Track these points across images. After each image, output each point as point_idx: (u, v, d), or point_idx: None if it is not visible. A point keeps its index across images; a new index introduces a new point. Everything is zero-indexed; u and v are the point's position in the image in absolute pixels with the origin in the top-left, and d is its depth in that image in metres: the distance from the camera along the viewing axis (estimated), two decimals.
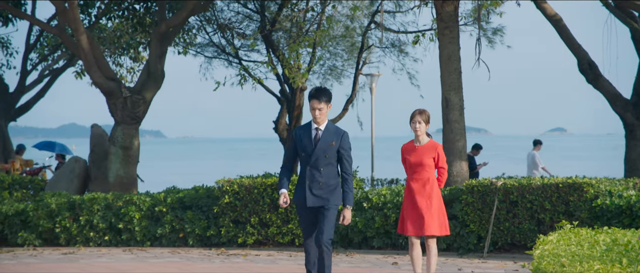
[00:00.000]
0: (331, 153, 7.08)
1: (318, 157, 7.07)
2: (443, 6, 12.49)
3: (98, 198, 12.75)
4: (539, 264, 5.55)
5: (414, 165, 7.96)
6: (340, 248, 11.73)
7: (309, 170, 7.10)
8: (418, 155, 7.99)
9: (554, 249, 5.86)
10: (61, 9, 14.00)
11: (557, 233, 6.84)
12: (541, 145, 18.93)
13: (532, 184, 10.75)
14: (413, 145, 8.07)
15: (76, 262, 10.78)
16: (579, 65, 14.84)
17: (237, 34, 21.04)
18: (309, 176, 7.10)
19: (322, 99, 7.06)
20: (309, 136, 7.12)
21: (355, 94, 21.55)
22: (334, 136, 7.11)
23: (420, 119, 8.02)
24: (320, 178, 7.08)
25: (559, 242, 6.27)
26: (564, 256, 5.47)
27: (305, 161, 7.14)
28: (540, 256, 5.67)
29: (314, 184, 7.08)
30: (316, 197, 7.10)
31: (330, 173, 7.11)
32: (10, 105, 21.31)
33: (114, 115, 15.05)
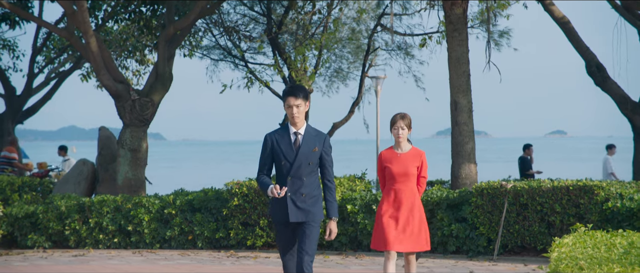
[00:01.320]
0: (314, 160, 6.27)
1: (301, 165, 6.22)
2: (452, 9, 12.50)
3: (107, 200, 12.75)
4: (556, 267, 5.54)
5: (398, 175, 7.24)
6: (350, 250, 11.73)
7: (290, 181, 6.23)
8: (402, 163, 7.28)
9: (570, 252, 5.84)
10: (70, 12, 14.02)
11: (571, 236, 6.83)
12: (615, 149, 17.82)
13: (542, 187, 10.73)
14: (394, 153, 7.33)
15: (87, 263, 10.79)
16: (587, 67, 14.83)
17: (244, 37, 21.05)
18: (291, 188, 6.23)
19: (298, 95, 6.23)
20: (287, 142, 6.26)
21: (361, 96, 21.56)
22: (316, 140, 6.29)
23: (402, 124, 7.32)
24: (303, 190, 6.23)
25: (574, 244, 6.25)
26: (581, 259, 5.46)
27: (286, 171, 6.25)
28: (558, 259, 5.65)
29: (297, 197, 6.23)
30: (300, 211, 6.25)
31: (314, 183, 6.31)
32: (18, 107, 21.35)
33: (122, 118, 15.06)
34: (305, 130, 6.28)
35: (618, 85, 14.66)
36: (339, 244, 11.82)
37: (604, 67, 14.76)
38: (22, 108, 21.61)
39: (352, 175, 12.94)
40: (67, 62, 23.11)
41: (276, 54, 20.23)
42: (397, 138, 7.30)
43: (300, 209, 6.23)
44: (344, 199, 11.81)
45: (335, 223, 6.43)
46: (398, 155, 7.30)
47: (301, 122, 6.27)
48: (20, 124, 22.10)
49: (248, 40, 21.09)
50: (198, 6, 14.96)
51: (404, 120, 7.32)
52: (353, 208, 11.60)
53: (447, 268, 10.02)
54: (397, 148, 7.36)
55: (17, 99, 21.34)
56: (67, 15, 14.24)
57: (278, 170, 6.30)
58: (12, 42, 22.28)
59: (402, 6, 20.16)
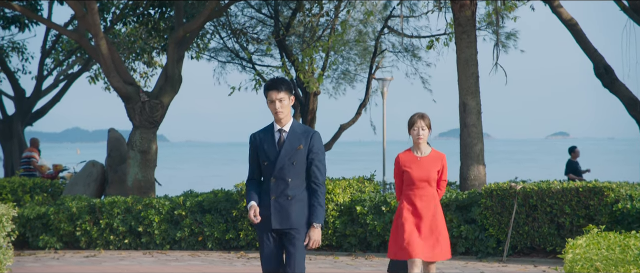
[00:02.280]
0: (299, 160, 5.64)
1: (284, 165, 5.62)
2: (460, 11, 12.49)
3: (118, 201, 12.77)
4: (571, 268, 5.54)
5: (418, 180, 6.72)
6: (359, 251, 11.72)
7: (273, 183, 5.65)
8: (422, 168, 6.75)
9: (585, 253, 5.83)
10: (80, 14, 14.04)
11: (584, 237, 6.81)
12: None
13: (552, 188, 10.72)
14: (413, 156, 6.78)
15: (98, 264, 10.80)
16: (595, 69, 14.80)
17: (252, 39, 21.07)
18: (274, 189, 5.64)
19: (281, 88, 5.63)
20: (270, 140, 5.71)
21: (368, 98, 21.57)
22: (302, 137, 5.66)
23: (422, 123, 6.75)
24: (288, 192, 5.62)
25: (588, 246, 6.24)
26: (597, 260, 5.45)
27: (269, 171, 5.68)
28: (573, 260, 5.65)
29: (281, 199, 5.62)
30: (284, 217, 5.62)
31: (301, 185, 5.66)
32: (27, 109, 21.39)
33: (132, 120, 15.08)
34: (290, 127, 5.70)
35: (626, 87, 14.63)
36: (348, 245, 11.82)
37: (612, 69, 14.73)
38: (31, 110, 21.66)
39: (361, 176, 12.94)
40: (76, 64, 23.15)
41: (284, 56, 20.25)
42: (416, 139, 6.74)
43: (285, 214, 5.61)
44: (353, 200, 11.81)
45: (319, 232, 5.64)
46: (418, 159, 6.77)
47: (286, 118, 5.69)
48: (29, 126, 22.14)
49: (256, 43, 21.11)
50: (207, 9, 14.97)
51: (423, 119, 6.75)
52: (362, 209, 11.60)
53: (457, 269, 10.02)
54: (417, 150, 6.81)
55: (26, 101, 21.38)
56: (78, 17, 14.27)
57: (263, 172, 5.76)
58: (21, 45, 22.32)
59: (409, 8, 20.15)
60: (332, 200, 11.81)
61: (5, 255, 7.10)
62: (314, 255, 11.56)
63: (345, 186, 12.11)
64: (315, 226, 5.60)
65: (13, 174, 19.94)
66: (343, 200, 11.87)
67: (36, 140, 18.80)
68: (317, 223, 5.61)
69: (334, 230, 11.83)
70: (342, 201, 11.86)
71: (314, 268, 10.27)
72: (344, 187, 12.05)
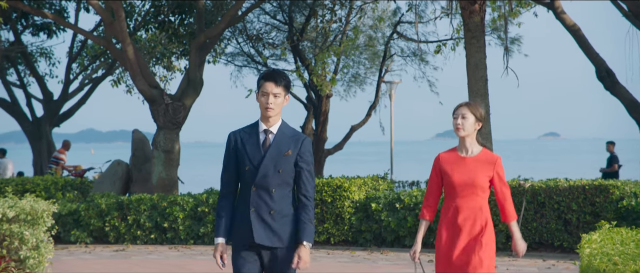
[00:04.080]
0: (286, 167, 4.47)
1: (268, 173, 4.44)
2: (470, 17, 12.48)
3: (144, 199, 12.80)
4: (589, 262, 5.53)
5: (460, 186, 4.99)
6: (374, 246, 11.72)
7: (254, 193, 4.45)
8: (467, 170, 4.99)
9: (601, 248, 5.82)
10: (109, 21, 14.09)
11: (597, 233, 6.81)
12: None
13: (560, 186, 10.70)
14: (458, 156, 5.04)
15: (128, 258, 10.83)
16: (597, 72, 14.78)
17: (267, 44, 21.12)
18: (255, 201, 4.45)
19: (280, 82, 4.50)
20: (254, 141, 4.51)
21: (378, 100, 21.58)
22: (291, 142, 4.51)
23: (466, 111, 5.01)
24: (272, 204, 4.45)
25: (603, 241, 6.23)
26: (614, 254, 5.44)
27: (249, 178, 4.47)
28: (591, 255, 5.64)
29: (262, 212, 4.44)
30: (268, 231, 4.44)
31: (286, 198, 4.50)
32: (55, 112, 21.47)
33: (156, 121, 15.13)
34: (279, 128, 4.53)
35: (627, 90, 14.60)
36: (363, 240, 11.82)
37: (613, 72, 14.71)
38: (58, 112, 21.73)
39: (375, 175, 12.96)
40: (100, 68, 23.23)
41: (297, 60, 20.29)
42: (455, 130, 5.02)
43: (269, 229, 4.44)
44: (368, 198, 11.83)
45: (308, 252, 4.45)
46: (463, 159, 5.02)
47: (276, 117, 4.53)
48: (56, 127, 22.22)
49: (271, 47, 21.15)
50: (227, 16, 15.03)
51: (469, 107, 5.03)
52: (377, 206, 11.60)
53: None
54: (462, 149, 5.05)
55: (54, 104, 21.46)
56: (106, 24, 14.32)
57: (241, 180, 4.51)
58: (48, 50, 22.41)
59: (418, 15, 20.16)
60: (348, 197, 11.83)
61: (46, 249, 7.13)
62: (331, 249, 11.56)
63: (361, 184, 12.12)
64: (305, 245, 4.43)
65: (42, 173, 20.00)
66: (358, 198, 11.88)
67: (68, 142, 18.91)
68: (307, 242, 4.43)
69: (350, 226, 11.83)
70: (357, 198, 11.87)
71: (333, 263, 10.28)
72: (359, 185, 12.07)
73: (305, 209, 4.51)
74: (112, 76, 22.77)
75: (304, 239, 4.46)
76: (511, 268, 9.57)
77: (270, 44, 21.25)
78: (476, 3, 12.36)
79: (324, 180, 12.04)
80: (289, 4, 20.22)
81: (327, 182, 11.96)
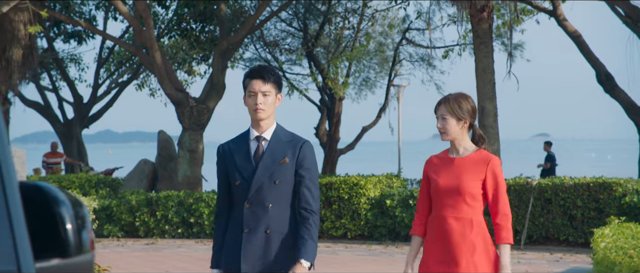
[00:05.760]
0: (284, 178, 3.56)
1: (262, 185, 3.55)
2: (479, 24, 12.48)
3: (172, 195, 12.84)
4: (605, 255, 5.52)
5: (445, 192, 3.82)
6: (389, 241, 11.72)
7: (248, 211, 3.57)
8: (453, 173, 3.84)
9: (615, 242, 5.82)
10: (138, 29, 14.14)
11: (608, 227, 6.81)
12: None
13: (565, 183, 10.69)
14: (447, 157, 3.93)
15: (160, 251, 10.87)
16: (597, 76, 14.75)
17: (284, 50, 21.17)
18: (249, 219, 3.56)
19: (268, 78, 3.58)
20: (244, 151, 3.62)
21: (387, 102, 21.59)
22: (288, 148, 3.60)
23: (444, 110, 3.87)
24: (268, 223, 3.55)
25: (614, 235, 6.23)
26: (629, 248, 5.44)
27: (242, 194, 3.59)
28: (606, 248, 5.63)
29: (256, 234, 3.55)
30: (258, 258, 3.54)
31: (284, 214, 3.58)
32: (85, 114, 21.57)
33: (181, 122, 15.18)
34: (273, 133, 3.63)
35: (625, 93, 14.58)
36: (379, 235, 11.83)
37: (613, 76, 14.68)
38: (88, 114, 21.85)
39: (389, 173, 12.97)
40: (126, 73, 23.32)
41: (312, 65, 20.32)
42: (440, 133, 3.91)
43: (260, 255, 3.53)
44: (383, 195, 11.84)
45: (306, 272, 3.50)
46: (451, 161, 3.89)
47: (268, 121, 3.62)
48: (86, 128, 22.33)
49: (288, 53, 21.18)
50: (248, 24, 15.08)
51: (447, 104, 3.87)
52: (392, 202, 11.60)
53: None
54: (452, 150, 3.93)
55: (84, 106, 21.58)
56: (136, 32, 14.37)
57: (234, 197, 3.64)
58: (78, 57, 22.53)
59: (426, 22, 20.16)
60: (364, 194, 11.85)
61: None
62: (349, 243, 11.57)
63: (376, 182, 12.14)
64: (303, 264, 3.48)
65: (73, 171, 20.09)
66: (374, 195, 11.89)
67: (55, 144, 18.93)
68: (304, 260, 3.48)
69: (366, 222, 11.84)
70: (373, 195, 11.88)
71: (352, 256, 10.29)
72: (374, 182, 12.08)
73: (306, 223, 3.54)
74: (137, 80, 22.87)
75: (301, 257, 3.48)
76: (521, 261, 9.56)
77: (286, 49, 21.28)
78: (484, 11, 12.35)
79: (341, 178, 12.07)
80: (303, 12, 20.27)
81: (344, 179, 11.98)
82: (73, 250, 1.13)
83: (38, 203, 1.15)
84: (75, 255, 1.13)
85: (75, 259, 1.14)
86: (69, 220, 1.14)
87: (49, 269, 1.13)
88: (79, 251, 1.14)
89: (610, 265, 5.30)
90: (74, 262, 1.14)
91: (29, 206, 1.12)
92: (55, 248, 1.13)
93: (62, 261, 1.13)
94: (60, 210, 1.14)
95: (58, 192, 1.18)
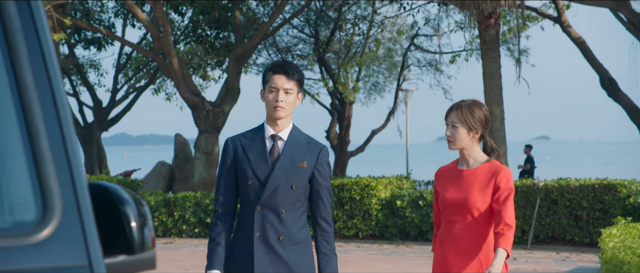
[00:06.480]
0: (300, 183, 3.23)
1: (278, 188, 3.20)
2: (486, 30, 12.49)
3: (189, 196, 12.91)
4: (613, 254, 5.53)
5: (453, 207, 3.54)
6: (399, 240, 11.74)
7: (259, 214, 3.20)
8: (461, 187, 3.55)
9: (623, 242, 5.83)
10: (156, 36, 14.23)
11: (615, 227, 6.81)
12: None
13: (571, 185, 10.69)
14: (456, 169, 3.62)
15: (179, 250, 10.93)
16: (601, 81, 14.72)
17: (296, 56, 21.23)
18: (259, 224, 3.20)
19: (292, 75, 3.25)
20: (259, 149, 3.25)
21: (396, 106, 21.61)
22: (306, 151, 3.26)
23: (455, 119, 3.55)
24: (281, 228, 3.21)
25: (622, 235, 6.23)
26: (637, 248, 5.45)
27: (254, 196, 3.21)
28: (614, 248, 5.64)
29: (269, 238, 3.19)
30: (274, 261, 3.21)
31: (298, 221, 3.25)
32: (104, 118, 21.70)
33: (198, 126, 15.25)
34: (290, 134, 3.28)
35: (628, 97, 14.55)
36: (389, 235, 11.85)
37: (616, 81, 14.64)
38: (107, 118, 21.98)
39: (399, 175, 12.99)
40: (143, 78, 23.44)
41: (323, 70, 20.38)
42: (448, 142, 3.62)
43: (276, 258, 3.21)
44: (393, 196, 11.86)
45: None
46: (459, 173, 3.59)
47: (286, 120, 3.28)
48: (105, 131, 22.45)
49: (300, 58, 21.25)
50: (262, 30, 15.16)
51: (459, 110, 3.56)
52: (402, 203, 11.62)
53: None
54: (462, 161, 3.62)
55: (103, 111, 21.71)
56: (154, 39, 14.46)
57: (242, 197, 3.26)
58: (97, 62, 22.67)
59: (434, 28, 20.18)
60: (375, 195, 11.87)
61: None
62: (360, 243, 11.60)
63: (386, 183, 12.16)
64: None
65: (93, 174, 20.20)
66: (384, 196, 11.92)
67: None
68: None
69: (377, 222, 11.86)
70: (383, 196, 11.90)
71: (364, 255, 10.31)
72: (385, 184, 12.11)
73: (326, 237, 3.25)
74: (153, 85, 22.97)
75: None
76: (529, 260, 9.56)
77: (298, 55, 21.34)
78: (492, 18, 12.37)
79: (352, 180, 12.10)
80: (315, 19, 20.34)
81: (356, 181, 12.01)
82: (137, 246, 1.17)
83: (104, 202, 1.19)
84: (139, 251, 1.17)
85: (139, 255, 1.18)
86: (133, 218, 1.18)
87: (115, 264, 1.17)
88: (143, 247, 1.18)
89: (618, 264, 5.31)
90: (138, 258, 1.18)
91: (96, 205, 1.17)
92: (121, 245, 1.18)
93: (127, 257, 1.18)
94: (125, 209, 1.18)
95: (122, 191, 1.23)
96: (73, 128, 1.12)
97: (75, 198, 1.08)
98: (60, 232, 1.07)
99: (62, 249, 1.07)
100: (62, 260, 1.06)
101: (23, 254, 1.06)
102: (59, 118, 1.12)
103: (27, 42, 1.13)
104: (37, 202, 1.08)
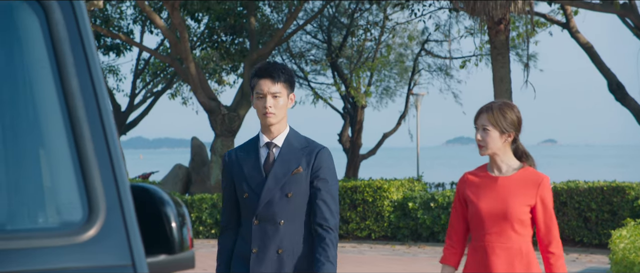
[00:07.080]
0: (298, 190, 3.02)
1: (273, 199, 3.01)
2: (496, 36, 12.45)
3: (206, 198, 12.95)
4: (624, 255, 5.50)
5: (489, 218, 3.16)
6: (411, 241, 11.71)
7: (257, 228, 3.02)
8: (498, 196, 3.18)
9: (633, 243, 5.79)
10: (174, 42, 14.30)
11: (625, 229, 6.77)
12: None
13: (580, 187, 10.63)
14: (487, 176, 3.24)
15: (196, 251, 10.96)
16: (609, 85, 14.65)
17: (309, 61, 21.28)
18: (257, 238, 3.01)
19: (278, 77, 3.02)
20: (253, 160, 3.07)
21: (407, 110, 21.59)
22: (302, 155, 3.04)
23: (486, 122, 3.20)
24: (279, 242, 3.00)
25: (632, 236, 6.19)
26: None
27: (250, 209, 3.04)
28: (625, 249, 5.61)
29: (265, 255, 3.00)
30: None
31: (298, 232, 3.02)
32: (122, 122, 21.80)
33: (214, 129, 15.30)
34: (285, 139, 3.07)
35: (636, 101, 14.46)
36: (401, 236, 11.83)
37: (623, 85, 14.56)
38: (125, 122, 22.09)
39: (410, 177, 12.98)
40: (160, 83, 23.54)
41: (335, 75, 20.40)
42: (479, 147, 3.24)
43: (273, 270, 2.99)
44: (405, 197, 11.85)
45: None
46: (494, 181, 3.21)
47: (280, 125, 3.06)
48: (123, 135, 22.55)
49: (313, 63, 21.29)
50: (276, 37, 15.22)
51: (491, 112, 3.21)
52: (414, 205, 11.60)
53: None
54: (493, 167, 3.26)
55: (122, 115, 21.82)
56: (172, 44, 14.53)
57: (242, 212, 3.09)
58: (115, 68, 22.80)
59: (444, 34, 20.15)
60: (387, 197, 11.87)
61: None
62: (373, 244, 11.58)
63: (398, 185, 12.15)
64: None
65: None
66: (396, 198, 11.90)
67: None
68: None
69: (389, 223, 11.85)
70: (395, 198, 11.89)
71: (377, 256, 10.30)
72: (397, 186, 12.10)
73: (322, 243, 2.94)
74: (170, 90, 23.08)
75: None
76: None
77: (311, 60, 21.38)
78: (501, 23, 12.33)
79: (365, 182, 12.10)
80: (328, 26, 20.38)
81: (368, 183, 12.00)
82: (177, 246, 1.18)
83: (146, 203, 1.20)
84: (179, 251, 1.19)
85: (179, 255, 1.19)
86: (173, 218, 1.19)
87: (156, 264, 1.18)
88: (182, 247, 1.19)
89: (629, 265, 5.27)
90: (177, 258, 1.19)
91: (137, 206, 1.18)
92: (161, 244, 1.19)
93: (167, 257, 1.19)
94: (165, 210, 1.20)
95: (163, 193, 1.24)
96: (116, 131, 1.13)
97: (118, 199, 1.10)
98: (104, 232, 1.08)
99: (106, 249, 1.08)
100: (107, 259, 1.08)
101: (70, 253, 1.08)
102: (102, 122, 1.13)
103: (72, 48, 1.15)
104: (83, 203, 1.10)
